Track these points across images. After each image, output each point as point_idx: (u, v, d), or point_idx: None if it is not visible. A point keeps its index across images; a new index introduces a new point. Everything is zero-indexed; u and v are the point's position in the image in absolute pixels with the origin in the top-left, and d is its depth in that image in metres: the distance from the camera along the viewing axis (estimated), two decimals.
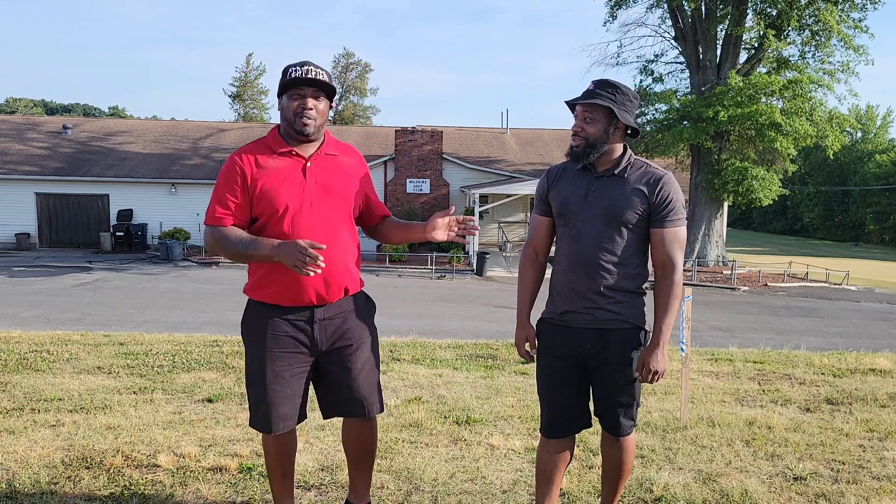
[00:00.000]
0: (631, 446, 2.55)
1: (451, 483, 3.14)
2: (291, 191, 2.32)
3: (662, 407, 4.49)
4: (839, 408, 4.59)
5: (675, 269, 2.37)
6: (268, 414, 2.41)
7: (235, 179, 2.33)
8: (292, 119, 2.34)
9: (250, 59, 54.59)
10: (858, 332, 12.01)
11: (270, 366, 2.39)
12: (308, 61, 2.37)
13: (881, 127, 58.32)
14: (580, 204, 2.40)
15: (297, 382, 2.44)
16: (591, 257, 2.36)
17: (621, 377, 2.41)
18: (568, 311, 2.44)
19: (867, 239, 54.88)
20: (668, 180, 2.38)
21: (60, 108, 79.10)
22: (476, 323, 10.99)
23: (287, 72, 2.34)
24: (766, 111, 19.22)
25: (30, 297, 13.09)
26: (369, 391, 2.51)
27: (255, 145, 2.42)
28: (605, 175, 2.41)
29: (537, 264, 2.59)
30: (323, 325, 2.41)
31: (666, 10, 22.96)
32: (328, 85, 2.36)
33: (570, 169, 2.50)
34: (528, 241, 2.61)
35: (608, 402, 2.47)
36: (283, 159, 2.36)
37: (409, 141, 25.28)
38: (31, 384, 4.67)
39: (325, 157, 2.42)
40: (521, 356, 2.56)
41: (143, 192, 25.01)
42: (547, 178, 2.55)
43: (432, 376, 5.24)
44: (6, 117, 33.75)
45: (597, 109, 2.37)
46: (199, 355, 5.82)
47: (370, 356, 2.52)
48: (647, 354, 2.36)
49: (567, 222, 2.44)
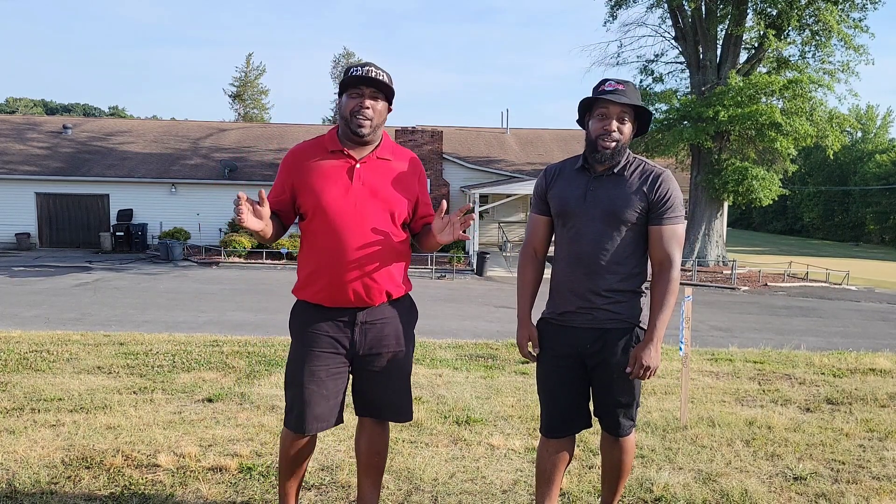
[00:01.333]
0: (631, 446, 2.55)
1: (452, 483, 3.14)
2: (336, 191, 2.34)
3: (662, 407, 4.49)
4: (839, 408, 4.59)
5: (673, 266, 2.35)
6: (302, 414, 2.40)
7: (282, 173, 2.43)
8: (349, 118, 2.35)
9: (250, 59, 54.59)
10: (858, 332, 12.01)
11: (308, 365, 2.40)
12: (371, 63, 2.38)
13: (881, 127, 58.31)
14: (579, 204, 2.38)
15: (333, 383, 2.42)
16: (591, 258, 2.35)
17: (621, 377, 2.40)
18: (567, 311, 2.43)
19: (867, 239, 54.88)
20: (666, 177, 2.37)
21: (60, 108, 79.10)
22: (476, 323, 10.99)
23: (348, 71, 2.36)
24: (767, 111, 19.22)
25: (30, 297, 13.09)
26: (402, 397, 2.51)
27: (312, 142, 2.46)
28: (605, 174, 2.38)
29: (536, 263, 2.57)
30: (363, 329, 2.41)
31: (666, 9, 22.96)
32: (387, 86, 2.36)
33: (568, 168, 2.49)
34: (527, 240, 2.59)
35: (608, 403, 2.46)
36: (333, 158, 2.39)
37: (410, 141, 25.28)
38: (31, 384, 4.67)
39: (376, 161, 2.41)
40: (524, 356, 2.54)
41: (143, 192, 25.01)
42: (545, 178, 2.52)
43: (432, 376, 5.24)
44: (6, 117, 33.75)
45: (631, 110, 2.35)
46: (199, 355, 5.82)
47: (403, 364, 2.51)
48: (639, 350, 2.35)
49: (566, 222, 2.42)
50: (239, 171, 25.76)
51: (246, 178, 25.35)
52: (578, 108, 2.46)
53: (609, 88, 2.33)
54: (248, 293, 14.46)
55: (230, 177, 25.30)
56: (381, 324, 2.44)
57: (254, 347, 6.27)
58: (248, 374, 5.13)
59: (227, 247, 21.91)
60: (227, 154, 27.43)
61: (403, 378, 2.52)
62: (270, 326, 9.81)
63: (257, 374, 5.13)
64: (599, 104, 2.34)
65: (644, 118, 2.43)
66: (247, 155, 27.49)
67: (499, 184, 23.88)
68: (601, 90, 2.34)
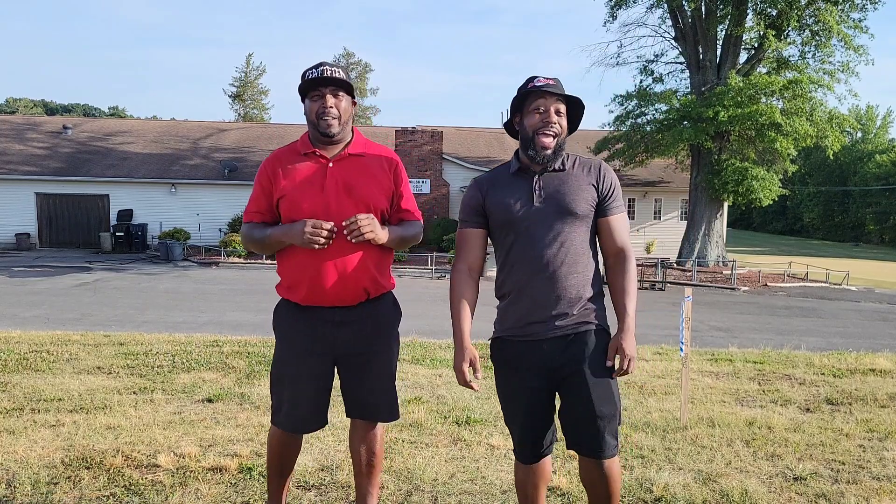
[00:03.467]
0: (617, 472, 2.27)
1: (451, 483, 3.14)
2: (311, 192, 2.35)
3: (662, 407, 4.49)
4: (839, 408, 4.59)
5: (629, 255, 2.27)
6: (289, 414, 2.44)
7: (261, 182, 2.42)
8: (315, 122, 2.37)
9: (250, 59, 54.56)
10: (858, 333, 12.01)
11: (292, 366, 2.42)
12: (323, 62, 2.39)
13: (881, 127, 58.33)
14: (527, 207, 2.23)
15: (318, 383, 2.44)
16: (550, 260, 2.20)
17: (599, 385, 2.19)
18: (530, 323, 2.25)
19: (867, 239, 54.89)
20: (606, 167, 2.32)
21: (60, 108, 79.08)
22: (476, 323, 10.91)
23: (304, 75, 2.37)
24: (766, 111, 19.22)
25: (30, 297, 13.08)
26: (382, 397, 2.51)
27: (285, 149, 2.47)
28: (547, 172, 2.26)
29: (472, 282, 2.39)
30: (345, 328, 2.41)
31: (666, 10, 22.95)
32: (345, 81, 2.37)
33: (502, 176, 2.33)
34: (460, 256, 2.39)
35: (587, 417, 2.19)
36: (306, 161, 2.40)
37: (409, 141, 25.28)
38: (31, 384, 4.67)
39: (349, 158, 2.42)
40: (463, 384, 2.29)
41: (143, 193, 25.01)
42: (479, 189, 2.34)
43: (432, 376, 5.24)
44: (6, 117, 33.75)
45: (565, 103, 2.25)
46: (199, 355, 5.81)
47: (387, 363, 2.51)
48: (618, 339, 2.18)
49: (516, 227, 2.24)
50: (239, 171, 25.75)
51: (246, 178, 25.33)
52: (510, 109, 2.33)
53: (540, 83, 2.21)
54: (248, 293, 14.46)
55: (230, 177, 25.30)
56: (362, 322, 2.43)
57: (254, 347, 6.27)
58: (248, 375, 5.13)
59: (227, 247, 21.91)
60: (226, 154, 27.43)
61: (387, 377, 2.52)
62: (270, 327, 9.78)
63: (257, 375, 5.13)
64: (534, 98, 2.21)
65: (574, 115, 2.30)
66: (247, 155, 27.48)
67: None
68: (533, 85, 2.22)
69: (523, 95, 2.24)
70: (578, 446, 2.25)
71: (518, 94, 2.26)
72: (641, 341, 8.28)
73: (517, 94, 2.26)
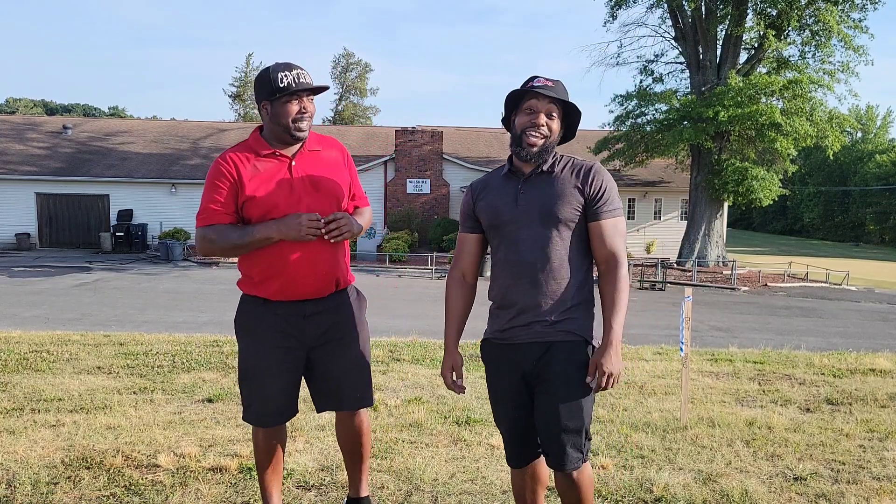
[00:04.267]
0: (588, 481, 2.21)
1: (452, 483, 3.14)
2: (280, 191, 2.34)
3: (662, 407, 4.49)
4: (839, 408, 4.59)
5: (620, 262, 2.17)
6: (259, 409, 2.48)
7: (223, 182, 2.33)
8: (288, 124, 2.33)
9: (250, 59, 54.60)
10: (858, 333, 12.01)
11: (262, 361, 2.44)
12: (291, 64, 2.35)
13: (881, 127, 58.34)
14: (511, 209, 2.21)
15: (288, 377, 2.48)
16: (532, 264, 2.16)
17: (565, 398, 2.12)
18: (510, 327, 2.22)
19: (867, 239, 54.90)
20: (598, 169, 2.23)
21: (60, 108, 79.08)
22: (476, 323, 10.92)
23: (278, 77, 2.30)
24: (766, 111, 19.22)
25: (30, 297, 13.09)
26: (357, 385, 2.55)
27: (239, 148, 2.41)
28: (535, 174, 2.23)
29: (465, 287, 2.37)
30: (314, 320, 2.44)
31: (666, 10, 22.96)
32: (323, 88, 2.39)
33: (494, 179, 2.33)
34: (455, 262, 2.38)
35: (552, 430, 2.14)
36: (268, 161, 2.37)
37: (409, 141, 25.28)
38: (31, 384, 4.67)
39: (308, 154, 2.44)
40: (449, 387, 2.32)
41: (143, 193, 25.01)
42: (471, 193, 2.35)
43: (432, 376, 5.24)
44: (6, 117, 33.76)
45: (559, 107, 2.22)
46: (199, 355, 5.82)
47: (359, 350, 2.55)
48: (598, 355, 2.09)
49: (500, 231, 2.23)
50: None
51: None
52: (505, 105, 2.29)
53: (538, 84, 2.19)
54: None
55: None
56: (331, 312, 2.47)
57: None
58: None
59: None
60: None
61: (359, 364, 2.55)
62: None
63: None
64: (527, 97, 2.20)
65: (573, 121, 2.28)
66: None
67: None
68: (530, 86, 2.20)
69: (519, 94, 2.23)
70: (546, 455, 2.23)
71: (513, 93, 2.24)
72: (641, 341, 8.28)
73: (512, 92, 2.25)
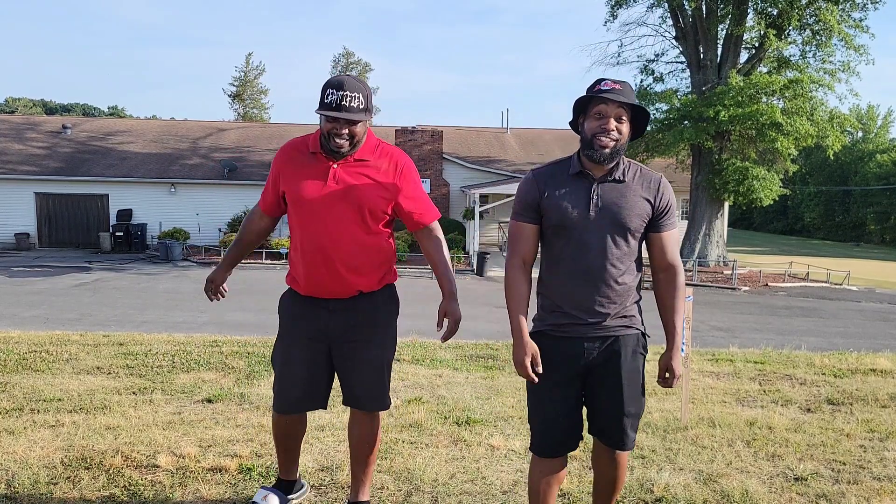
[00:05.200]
0: (626, 461, 2.49)
1: (452, 483, 3.13)
2: (311, 190, 2.44)
3: (663, 407, 4.48)
4: (840, 408, 4.59)
5: (679, 270, 2.36)
6: (279, 394, 2.60)
7: (273, 169, 2.58)
8: (327, 138, 2.40)
9: (250, 58, 54.56)
10: (859, 333, 12.01)
11: (286, 349, 2.58)
12: (344, 83, 2.31)
13: (882, 127, 58.30)
14: (583, 215, 2.25)
15: (310, 368, 2.56)
16: (600, 271, 2.25)
17: (631, 385, 2.33)
18: (571, 323, 2.31)
19: (868, 239, 54.88)
20: (665, 183, 2.35)
21: (60, 108, 79.06)
22: (476, 323, 10.97)
23: (325, 93, 2.32)
24: (767, 111, 19.22)
25: (29, 297, 13.08)
26: (372, 387, 2.58)
27: (297, 141, 2.57)
28: (607, 180, 2.28)
29: (526, 275, 2.38)
30: (338, 316, 2.52)
31: (666, 9, 22.96)
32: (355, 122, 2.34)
33: (560, 173, 2.33)
34: (514, 251, 2.37)
35: (616, 415, 2.34)
36: (313, 158, 2.48)
37: (410, 141, 25.29)
38: (30, 384, 4.66)
39: (354, 163, 2.45)
40: (524, 376, 2.30)
41: (143, 192, 25.00)
42: (537, 184, 2.33)
43: (432, 376, 5.24)
44: (6, 117, 33.75)
45: (628, 110, 2.25)
46: (199, 355, 5.81)
47: (379, 353, 2.57)
48: (668, 358, 2.32)
49: (569, 234, 2.27)
50: (238, 170, 25.75)
51: (245, 177, 25.35)
52: (573, 109, 2.34)
53: (606, 87, 2.22)
54: (248, 293, 14.45)
55: (230, 177, 25.30)
56: (354, 313, 2.53)
57: (253, 348, 6.26)
58: (248, 375, 5.13)
59: (227, 247, 21.91)
60: (226, 154, 27.42)
61: (376, 366, 2.58)
62: (270, 327, 9.79)
63: (257, 375, 5.13)
64: (596, 103, 2.23)
65: (640, 121, 2.31)
66: (246, 155, 27.48)
67: (499, 184, 23.87)
68: (597, 89, 2.23)
69: (587, 99, 2.26)
70: (601, 435, 2.41)
71: (582, 97, 2.28)
72: None
73: (582, 96, 2.28)
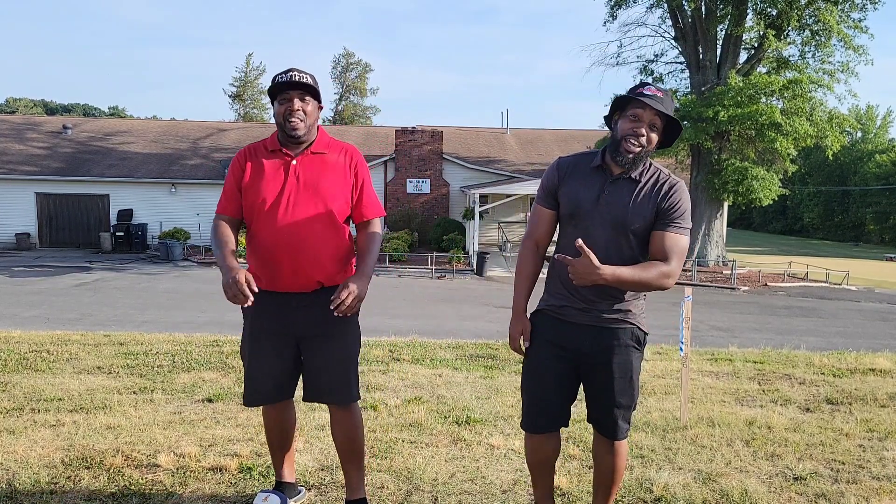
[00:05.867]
0: (625, 450, 2.55)
1: (451, 483, 3.14)
2: (271, 186, 2.51)
3: (662, 407, 4.49)
4: (839, 408, 4.60)
5: (668, 266, 2.27)
6: (247, 388, 2.65)
7: (234, 172, 2.60)
8: (282, 123, 2.52)
9: (250, 59, 54.65)
10: (858, 332, 12.01)
11: (252, 343, 2.62)
12: (293, 67, 2.54)
13: (881, 127, 58.33)
14: (592, 206, 2.33)
15: (277, 361, 2.60)
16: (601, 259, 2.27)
17: (622, 378, 2.40)
18: (570, 306, 2.41)
19: (867, 239, 54.90)
20: (680, 188, 2.34)
21: (60, 108, 79.04)
22: (476, 323, 10.99)
23: (273, 79, 2.52)
24: (766, 111, 19.22)
25: (30, 297, 13.09)
26: (340, 379, 2.62)
27: (255, 144, 2.66)
28: (621, 178, 2.34)
29: (537, 257, 2.51)
30: (301, 312, 2.56)
31: (666, 10, 22.96)
32: (311, 87, 2.51)
33: (583, 165, 2.42)
34: (529, 232, 2.53)
35: (607, 405, 2.43)
36: (272, 157, 2.57)
37: (409, 141, 25.29)
38: (31, 384, 4.67)
39: (311, 156, 2.56)
40: (514, 349, 2.51)
41: (143, 192, 25.00)
42: (558, 172, 2.44)
43: (432, 376, 5.24)
44: (6, 117, 33.75)
45: (663, 119, 2.29)
46: (199, 355, 5.82)
47: (345, 345, 2.62)
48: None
49: (577, 223, 2.37)
50: None
51: None
52: (611, 105, 2.39)
53: (648, 93, 2.27)
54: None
55: None
56: (317, 307, 2.55)
57: None
58: None
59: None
60: (226, 154, 27.42)
61: (342, 360, 2.61)
62: None
63: None
64: (634, 105, 2.28)
65: (671, 133, 2.35)
66: None
67: (499, 184, 23.88)
68: (639, 92, 2.28)
69: (627, 99, 2.31)
70: (596, 424, 2.52)
71: (622, 96, 2.33)
72: None
73: (623, 94, 2.34)
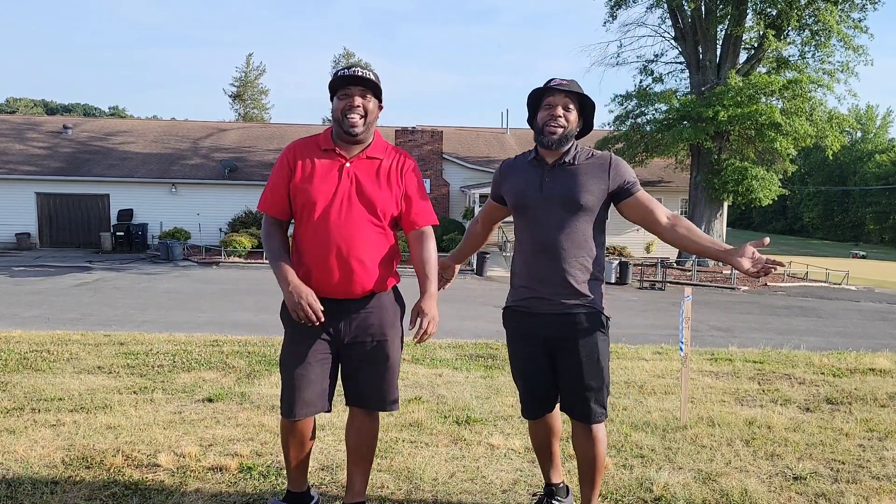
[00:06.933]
0: (603, 436, 2.58)
1: (451, 483, 3.14)
2: (324, 188, 2.43)
3: (662, 407, 4.49)
4: (839, 407, 4.60)
5: (665, 213, 2.48)
6: (290, 398, 2.51)
7: (282, 170, 2.50)
8: (340, 119, 2.44)
9: (250, 59, 54.58)
10: (858, 332, 12.01)
11: (296, 349, 2.52)
12: (356, 63, 2.52)
13: (881, 127, 58.34)
14: (537, 194, 2.49)
15: (319, 368, 2.52)
16: (554, 244, 2.45)
17: (588, 360, 2.48)
18: (532, 297, 2.52)
19: (867, 239, 54.89)
20: (617, 159, 2.51)
21: (60, 108, 79.04)
22: (476, 323, 10.98)
23: (335, 74, 2.46)
24: (766, 111, 19.23)
25: (30, 297, 13.09)
26: (383, 385, 2.58)
27: (306, 140, 2.55)
28: (558, 165, 2.50)
29: (477, 226, 2.91)
30: (347, 318, 2.50)
31: (666, 10, 22.97)
32: (374, 83, 2.44)
33: (521, 162, 2.61)
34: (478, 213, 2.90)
35: (577, 388, 2.51)
36: (325, 157, 2.49)
37: (409, 141, 25.29)
38: (31, 384, 4.67)
39: (366, 160, 2.49)
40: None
41: (144, 192, 25.01)
42: (499, 173, 2.69)
43: (432, 376, 5.25)
44: (6, 117, 33.75)
45: (574, 101, 2.48)
46: (200, 355, 5.82)
47: (387, 353, 2.57)
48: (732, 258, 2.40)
49: (526, 213, 2.52)
50: (239, 170, 25.76)
51: (246, 178, 25.35)
52: (528, 107, 2.58)
53: (554, 84, 2.48)
54: (249, 293, 14.46)
55: (230, 177, 25.30)
56: (364, 313, 2.51)
57: (254, 347, 6.28)
58: (248, 374, 5.14)
59: (228, 247, 21.91)
60: (227, 154, 27.43)
61: (388, 367, 2.58)
62: (271, 326, 9.80)
63: (257, 374, 5.14)
64: (545, 95, 2.48)
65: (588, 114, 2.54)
66: (247, 155, 27.49)
67: None
68: (545, 85, 2.49)
69: (539, 93, 2.51)
70: (570, 411, 2.57)
71: (533, 92, 2.52)
72: (641, 341, 8.29)
73: (533, 91, 2.52)
